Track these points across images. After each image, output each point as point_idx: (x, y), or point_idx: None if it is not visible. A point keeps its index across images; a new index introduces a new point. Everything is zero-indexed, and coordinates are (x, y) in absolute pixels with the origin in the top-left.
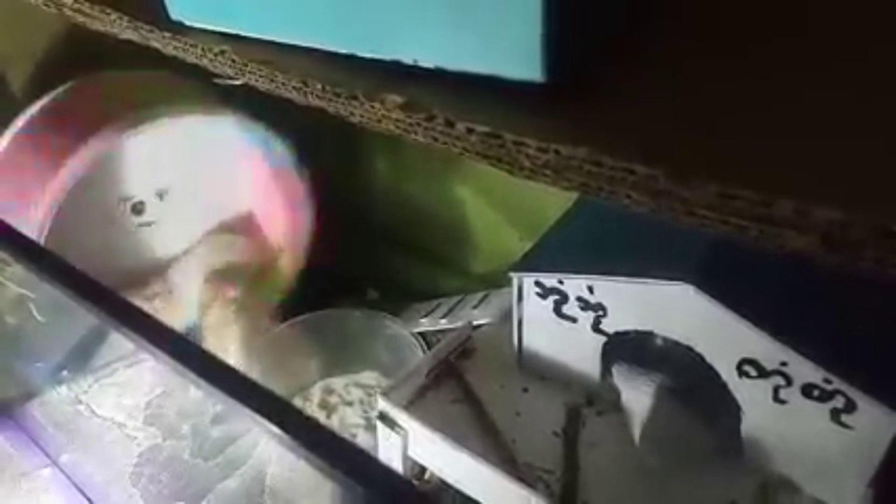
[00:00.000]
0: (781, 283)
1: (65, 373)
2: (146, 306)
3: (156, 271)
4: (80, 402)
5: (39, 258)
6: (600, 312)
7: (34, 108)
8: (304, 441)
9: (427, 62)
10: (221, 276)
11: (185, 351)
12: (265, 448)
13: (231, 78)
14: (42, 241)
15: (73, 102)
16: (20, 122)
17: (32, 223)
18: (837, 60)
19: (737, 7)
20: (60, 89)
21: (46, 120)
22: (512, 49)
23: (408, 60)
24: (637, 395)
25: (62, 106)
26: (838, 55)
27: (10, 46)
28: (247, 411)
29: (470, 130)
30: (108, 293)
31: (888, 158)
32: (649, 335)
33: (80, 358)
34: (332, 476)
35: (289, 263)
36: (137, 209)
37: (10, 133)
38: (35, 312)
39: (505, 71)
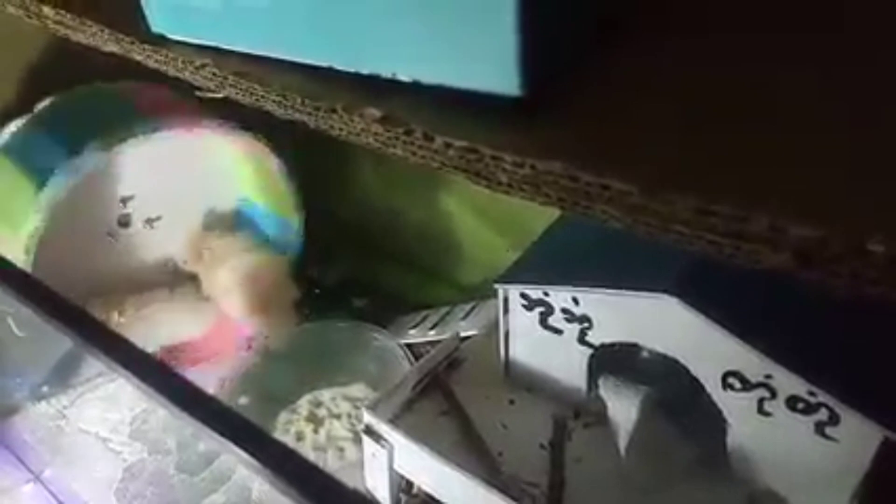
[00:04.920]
0: (766, 295)
1: (46, 388)
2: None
3: (141, 282)
4: (63, 416)
5: (13, 279)
6: (586, 324)
7: (21, 121)
8: (274, 468)
9: (405, 76)
10: None
11: (158, 376)
12: None
13: (212, 91)
14: (31, 255)
15: (60, 115)
16: (6, 133)
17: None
18: (817, 75)
19: (716, 21)
20: (47, 102)
21: (33, 132)
22: (488, 63)
23: (386, 74)
24: (623, 408)
25: (49, 118)
26: (819, 69)
27: None
28: (219, 437)
29: (448, 145)
30: (82, 316)
31: (864, 174)
32: (635, 347)
33: (62, 372)
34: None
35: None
36: (123, 222)
37: None
38: (14, 328)
39: (482, 85)
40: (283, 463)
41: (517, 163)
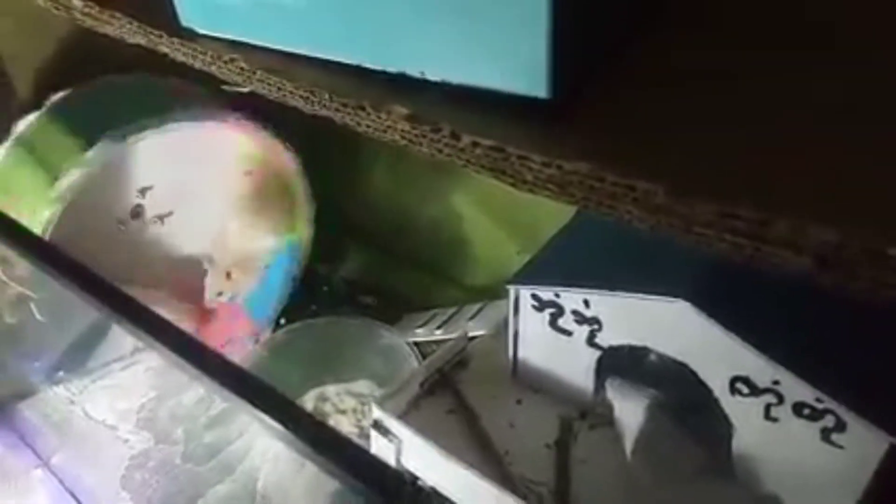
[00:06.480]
0: (776, 301)
1: (61, 373)
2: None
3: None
4: (74, 403)
5: (43, 253)
6: (595, 326)
7: (39, 111)
8: (303, 436)
9: (434, 75)
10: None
11: (188, 347)
12: (258, 454)
13: (239, 85)
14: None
15: (79, 106)
16: (24, 123)
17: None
18: (837, 78)
19: (740, 25)
20: (66, 92)
21: (51, 122)
22: (518, 65)
23: (415, 73)
24: (630, 410)
25: (67, 109)
26: (838, 72)
27: (17, 47)
28: (247, 407)
29: (475, 143)
30: (112, 289)
31: (884, 179)
32: (643, 350)
33: (77, 358)
34: (328, 470)
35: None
36: (136, 213)
37: (14, 135)
38: (36, 312)
39: (511, 86)
40: (316, 435)
41: (545, 162)
